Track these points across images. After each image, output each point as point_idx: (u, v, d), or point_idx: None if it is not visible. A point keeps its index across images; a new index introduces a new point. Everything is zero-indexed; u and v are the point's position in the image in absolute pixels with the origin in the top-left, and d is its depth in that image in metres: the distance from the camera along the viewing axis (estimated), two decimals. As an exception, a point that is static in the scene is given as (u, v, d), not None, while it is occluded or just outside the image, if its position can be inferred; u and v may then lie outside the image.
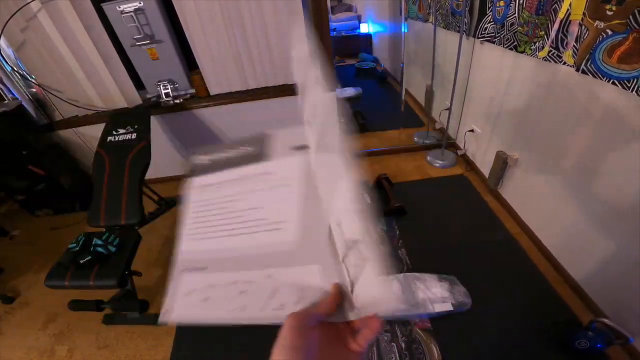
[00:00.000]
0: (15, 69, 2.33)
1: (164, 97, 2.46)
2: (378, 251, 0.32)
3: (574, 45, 1.39)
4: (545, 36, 1.53)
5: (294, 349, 0.31)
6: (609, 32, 1.21)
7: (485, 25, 2.02)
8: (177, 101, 2.52)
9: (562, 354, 1.46)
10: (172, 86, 2.47)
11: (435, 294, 1.68)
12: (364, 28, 5.54)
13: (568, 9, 1.37)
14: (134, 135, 2.00)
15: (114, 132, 2.03)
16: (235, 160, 0.50)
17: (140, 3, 2.11)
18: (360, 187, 0.34)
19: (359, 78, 5.01)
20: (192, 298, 0.39)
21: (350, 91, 3.38)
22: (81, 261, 1.60)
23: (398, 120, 3.37)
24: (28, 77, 2.37)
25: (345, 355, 0.36)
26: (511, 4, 1.72)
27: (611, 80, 1.25)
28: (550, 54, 1.54)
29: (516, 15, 1.70)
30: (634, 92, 1.17)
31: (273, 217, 0.42)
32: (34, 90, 2.49)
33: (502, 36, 1.86)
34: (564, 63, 1.47)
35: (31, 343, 1.87)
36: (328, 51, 2.44)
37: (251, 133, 0.51)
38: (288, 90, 2.50)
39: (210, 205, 0.47)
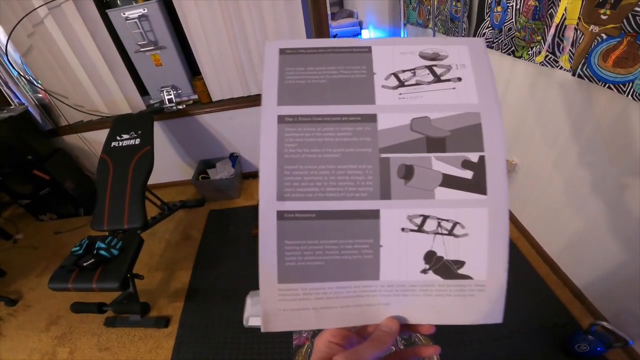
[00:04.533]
0: (22, 74, 2.38)
1: (167, 102, 2.49)
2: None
3: (570, 50, 1.40)
4: (542, 41, 1.55)
5: None
6: (604, 36, 1.22)
7: (484, 31, 2.03)
8: (180, 107, 2.55)
9: (562, 358, 1.46)
10: (175, 92, 2.50)
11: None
12: (365, 34, 5.57)
13: (563, 14, 1.39)
14: (137, 141, 2.03)
15: (118, 138, 2.06)
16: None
17: (144, 10, 2.15)
18: None
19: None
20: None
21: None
22: (84, 264, 1.62)
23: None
24: (34, 82, 2.42)
25: None
26: (508, 10, 1.74)
27: (607, 85, 1.26)
28: (547, 59, 1.55)
29: (513, 20, 1.72)
30: (629, 96, 1.18)
31: None
32: (40, 95, 2.54)
33: (500, 41, 1.88)
34: (561, 68, 1.48)
35: (33, 345, 1.89)
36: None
37: (253, 138, 0.42)
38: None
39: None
